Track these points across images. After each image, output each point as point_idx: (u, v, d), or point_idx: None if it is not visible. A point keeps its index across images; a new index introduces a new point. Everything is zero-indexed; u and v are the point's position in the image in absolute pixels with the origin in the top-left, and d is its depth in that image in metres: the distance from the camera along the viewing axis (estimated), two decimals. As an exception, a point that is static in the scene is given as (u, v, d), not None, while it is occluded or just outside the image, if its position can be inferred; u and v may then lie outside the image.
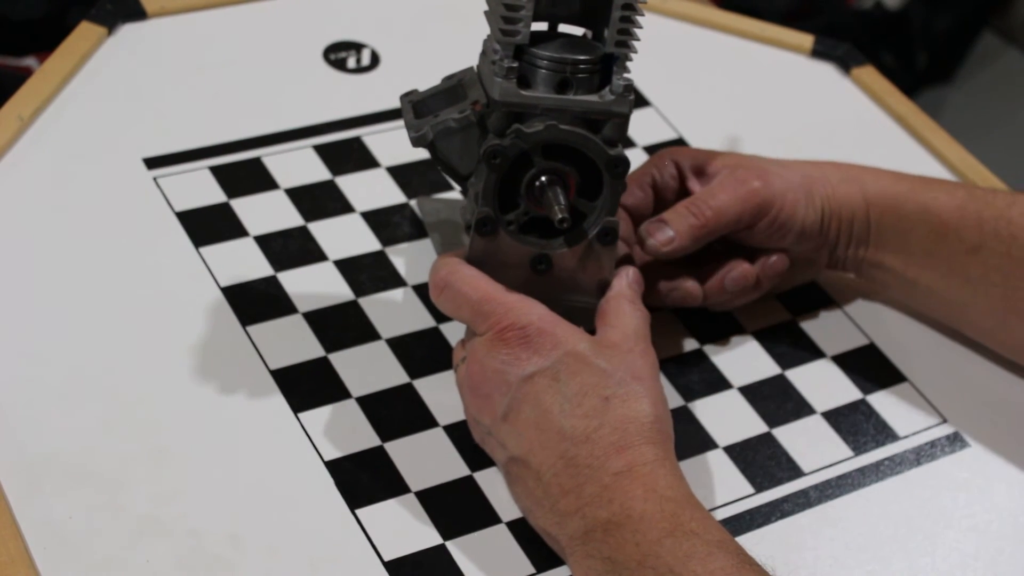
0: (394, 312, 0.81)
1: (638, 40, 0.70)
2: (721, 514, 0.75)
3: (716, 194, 0.79)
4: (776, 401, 0.82)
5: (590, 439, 0.67)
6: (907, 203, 0.81)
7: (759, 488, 0.77)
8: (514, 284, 0.72)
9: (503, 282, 0.72)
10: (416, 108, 0.74)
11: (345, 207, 0.87)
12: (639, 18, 0.70)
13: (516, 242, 0.73)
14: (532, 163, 0.71)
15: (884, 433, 0.81)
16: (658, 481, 0.66)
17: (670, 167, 0.82)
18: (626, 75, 0.71)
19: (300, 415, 0.75)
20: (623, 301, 0.73)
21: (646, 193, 0.81)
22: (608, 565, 0.64)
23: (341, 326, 0.80)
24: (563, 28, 0.73)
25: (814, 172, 0.81)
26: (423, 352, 0.79)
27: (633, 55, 0.71)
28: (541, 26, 0.72)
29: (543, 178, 0.71)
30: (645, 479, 0.66)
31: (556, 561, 0.70)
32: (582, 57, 0.70)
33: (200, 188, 0.86)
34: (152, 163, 0.87)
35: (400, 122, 0.93)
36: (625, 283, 0.75)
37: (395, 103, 0.76)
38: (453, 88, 0.74)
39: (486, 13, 0.72)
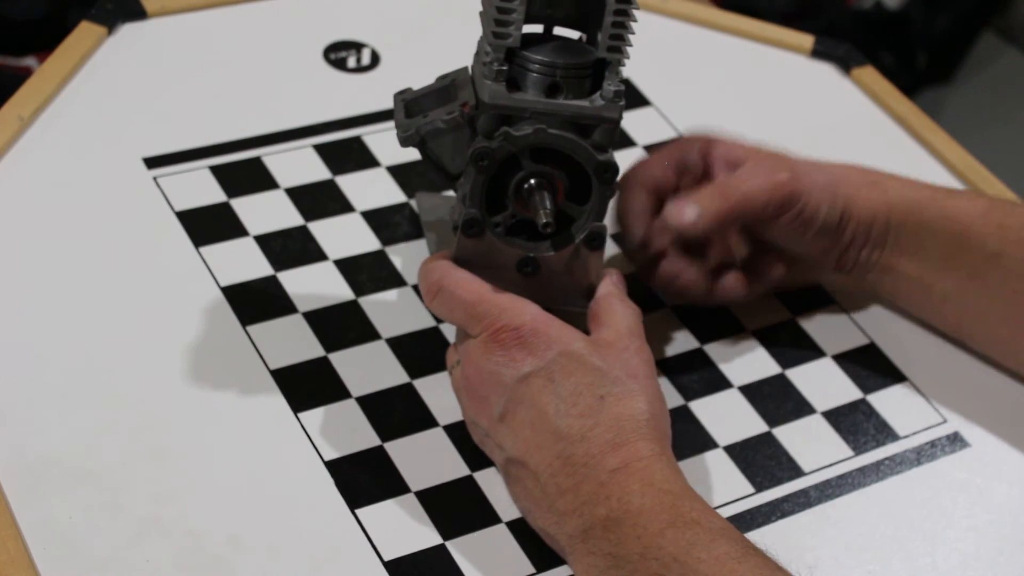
0: (394, 312, 0.81)
1: (631, 45, 0.70)
2: (721, 513, 0.74)
3: (746, 180, 0.78)
4: (776, 401, 0.81)
5: (586, 438, 0.67)
6: (928, 208, 0.81)
7: (759, 488, 0.77)
8: (501, 286, 0.72)
9: (490, 283, 0.72)
10: (408, 107, 0.74)
11: (345, 207, 0.87)
12: (632, 24, 0.70)
13: (503, 244, 0.73)
14: (520, 166, 0.71)
15: (884, 433, 0.81)
16: (655, 475, 0.66)
17: (698, 149, 0.81)
18: (618, 80, 0.70)
19: (300, 415, 0.75)
20: (613, 300, 0.73)
21: (671, 171, 0.80)
22: (610, 560, 0.64)
23: (341, 326, 0.80)
24: (558, 31, 0.73)
25: (838, 173, 0.81)
26: (423, 352, 0.79)
27: (626, 60, 0.71)
28: (538, 28, 0.72)
29: (531, 181, 0.71)
30: (641, 474, 0.66)
31: (556, 561, 0.70)
32: (572, 61, 0.70)
33: (200, 188, 0.86)
34: (152, 163, 0.87)
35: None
36: (611, 283, 0.75)
37: (393, 106, 0.76)
38: (446, 88, 0.74)
39: (481, 14, 0.72)
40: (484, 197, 0.72)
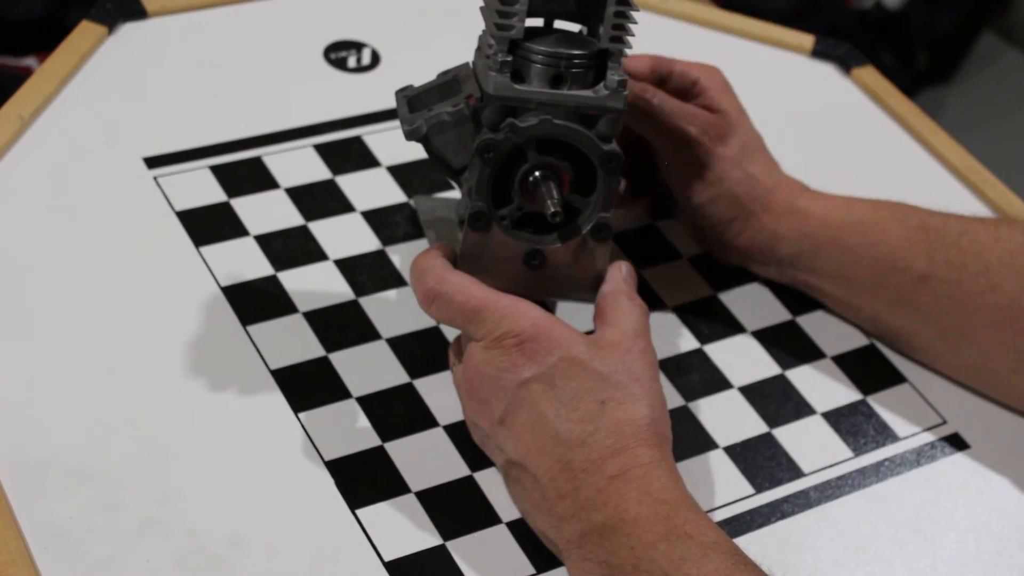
0: (394, 312, 0.81)
1: (632, 35, 0.71)
2: (721, 515, 0.75)
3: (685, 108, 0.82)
4: (776, 401, 0.81)
5: (586, 443, 0.67)
6: (853, 235, 0.81)
7: (759, 489, 0.77)
8: (507, 279, 0.72)
9: (496, 277, 0.72)
10: (410, 103, 0.74)
11: (345, 206, 0.87)
12: (634, 13, 0.70)
13: (509, 237, 0.73)
14: (526, 158, 0.71)
15: (884, 434, 0.81)
16: (652, 483, 0.66)
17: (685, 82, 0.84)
18: (621, 70, 0.71)
19: (300, 415, 0.75)
20: (621, 297, 0.73)
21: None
22: (605, 569, 0.64)
23: (341, 326, 0.80)
24: (559, 24, 0.73)
25: (766, 183, 0.83)
26: (423, 352, 0.79)
27: (628, 50, 0.71)
28: (538, 22, 0.72)
29: (536, 173, 0.71)
30: (639, 482, 0.65)
31: (556, 562, 0.70)
32: (576, 52, 0.70)
33: (200, 187, 0.86)
34: (152, 162, 0.87)
35: (400, 121, 0.93)
36: (620, 278, 0.74)
37: (396, 103, 0.76)
38: (448, 83, 0.74)
39: (482, 8, 0.72)
40: (490, 190, 0.72)
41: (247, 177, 0.87)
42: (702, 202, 0.82)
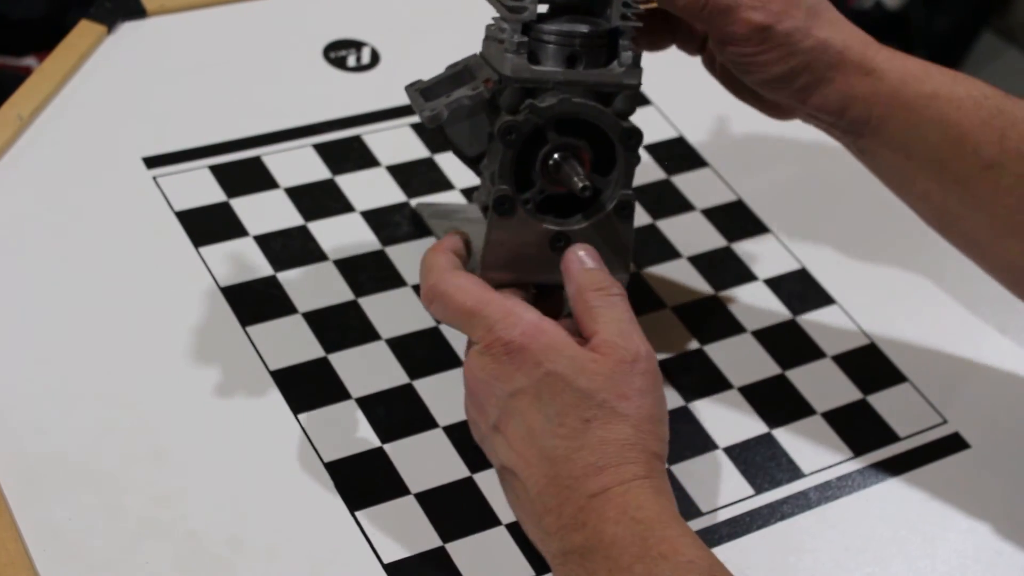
0: (394, 312, 0.81)
1: (641, 12, 0.71)
2: (721, 516, 0.75)
3: None
4: (776, 401, 0.81)
5: (570, 459, 0.66)
6: (925, 108, 0.75)
7: (759, 489, 0.77)
8: (536, 264, 0.72)
9: (525, 262, 0.71)
10: (424, 94, 0.74)
11: (345, 206, 0.87)
12: None
13: (534, 221, 0.73)
14: (545, 139, 0.71)
15: (884, 434, 0.81)
16: (630, 502, 0.65)
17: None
18: (633, 47, 0.71)
19: (300, 416, 0.75)
20: (588, 296, 0.70)
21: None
22: None
23: (341, 326, 0.80)
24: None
25: (836, 39, 0.75)
26: (423, 352, 0.79)
27: (639, 27, 0.71)
28: (542, 10, 0.73)
29: (557, 154, 0.71)
30: (618, 501, 0.65)
31: (556, 563, 0.70)
32: (590, 30, 0.70)
33: (200, 187, 0.86)
34: (152, 162, 0.87)
35: (400, 120, 0.93)
36: (577, 270, 0.71)
37: (395, 102, 0.76)
38: (458, 73, 0.74)
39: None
40: (513, 172, 0.71)
41: (246, 177, 0.87)
42: (766, 79, 0.75)
